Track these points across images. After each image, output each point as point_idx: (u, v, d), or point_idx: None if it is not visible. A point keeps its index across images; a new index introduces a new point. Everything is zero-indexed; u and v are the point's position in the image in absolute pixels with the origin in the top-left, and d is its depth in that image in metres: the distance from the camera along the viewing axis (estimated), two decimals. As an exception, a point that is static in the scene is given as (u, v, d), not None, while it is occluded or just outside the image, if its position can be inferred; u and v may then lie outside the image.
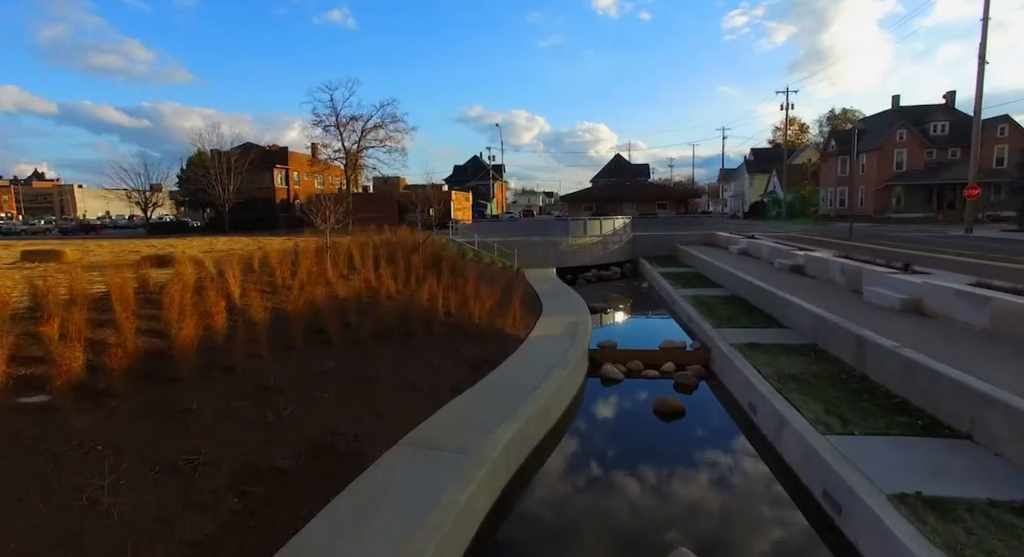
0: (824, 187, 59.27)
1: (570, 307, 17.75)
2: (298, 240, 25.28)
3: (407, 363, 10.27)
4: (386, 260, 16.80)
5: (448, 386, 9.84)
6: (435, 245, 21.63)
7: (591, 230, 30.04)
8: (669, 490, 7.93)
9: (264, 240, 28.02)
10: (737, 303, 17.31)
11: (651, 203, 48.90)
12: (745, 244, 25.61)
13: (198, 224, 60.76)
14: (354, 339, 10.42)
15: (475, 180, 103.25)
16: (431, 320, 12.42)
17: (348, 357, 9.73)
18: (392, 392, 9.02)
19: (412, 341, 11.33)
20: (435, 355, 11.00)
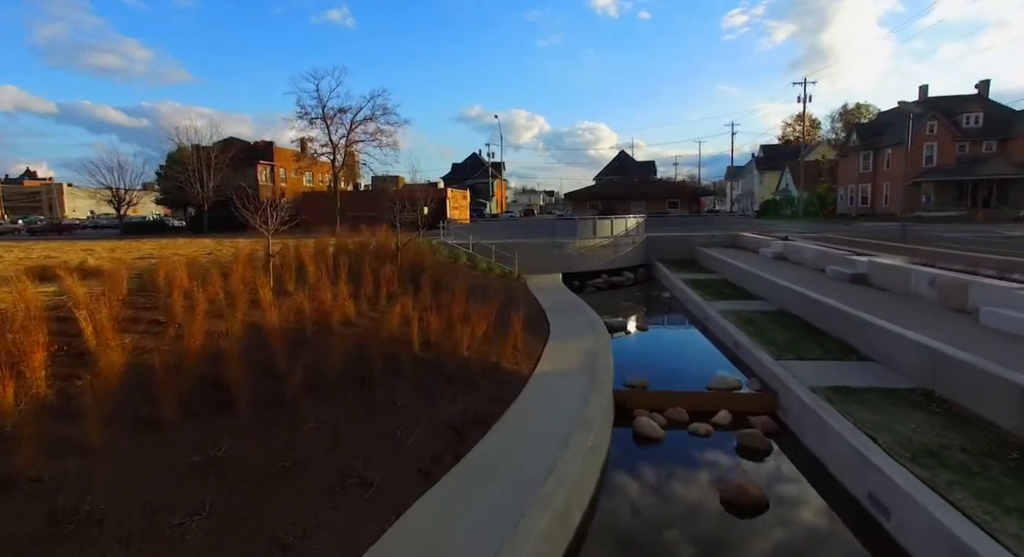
0: (843, 184, 55.86)
1: (583, 326, 14.39)
2: (276, 242, 22.04)
3: (356, 432, 6.91)
4: (349, 271, 13.39)
5: (415, 468, 6.49)
6: (419, 250, 18.24)
7: (601, 231, 26.67)
8: None
9: (231, 243, 24.56)
10: (791, 322, 13.94)
11: (661, 201, 45.51)
12: (781, 247, 22.24)
13: (179, 224, 57.28)
14: (276, 396, 7.04)
15: (474, 178, 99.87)
16: (400, 356, 9.04)
17: (258, 429, 6.36)
18: (322, 493, 5.67)
19: (370, 391, 7.97)
20: (401, 413, 7.64)
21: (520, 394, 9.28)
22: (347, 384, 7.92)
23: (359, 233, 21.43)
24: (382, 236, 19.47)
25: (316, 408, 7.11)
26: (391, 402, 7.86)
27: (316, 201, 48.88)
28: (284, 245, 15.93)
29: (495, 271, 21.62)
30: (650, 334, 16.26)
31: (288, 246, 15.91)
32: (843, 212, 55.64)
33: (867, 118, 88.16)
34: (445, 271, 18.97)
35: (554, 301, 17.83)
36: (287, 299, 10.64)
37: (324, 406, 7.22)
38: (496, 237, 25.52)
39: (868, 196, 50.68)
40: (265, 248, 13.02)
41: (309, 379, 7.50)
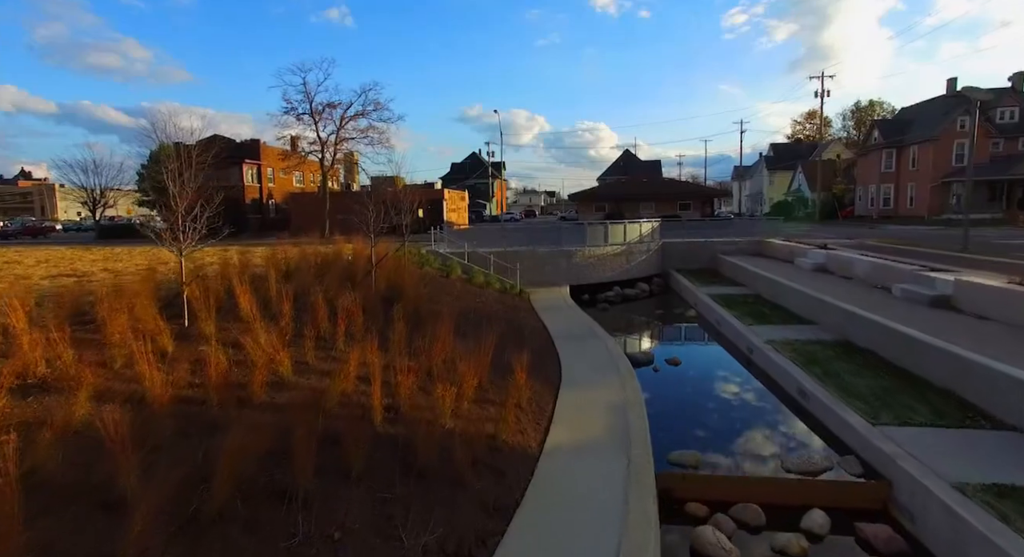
0: (862, 184, 52.92)
1: (603, 363, 11.49)
2: (255, 250, 19.24)
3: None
4: (293, 300, 10.37)
5: None
6: (401, 265, 15.30)
7: (613, 237, 23.76)
8: None
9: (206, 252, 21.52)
10: (866, 360, 11.02)
11: (672, 203, 42.56)
12: (822, 257, 19.29)
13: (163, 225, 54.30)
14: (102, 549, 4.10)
15: (473, 178, 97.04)
16: (352, 438, 6.10)
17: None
18: None
19: (291, 514, 5.03)
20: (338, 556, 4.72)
21: (527, 493, 6.36)
22: (255, 503, 5.00)
23: (334, 241, 18.48)
24: (360, 247, 16.52)
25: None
26: (324, 534, 4.94)
27: (305, 203, 46.00)
28: (224, 260, 13.01)
29: (493, 286, 18.71)
30: (684, 371, 13.27)
31: (230, 262, 12.97)
32: (862, 214, 52.71)
33: (881, 115, 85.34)
34: (435, 287, 16.09)
35: (564, 324, 14.92)
36: (186, 351, 7.72)
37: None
38: (496, 245, 22.61)
39: (891, 197, 47.73)
40: (179, 271, 10.03)
41: (184, 509, 4.58)
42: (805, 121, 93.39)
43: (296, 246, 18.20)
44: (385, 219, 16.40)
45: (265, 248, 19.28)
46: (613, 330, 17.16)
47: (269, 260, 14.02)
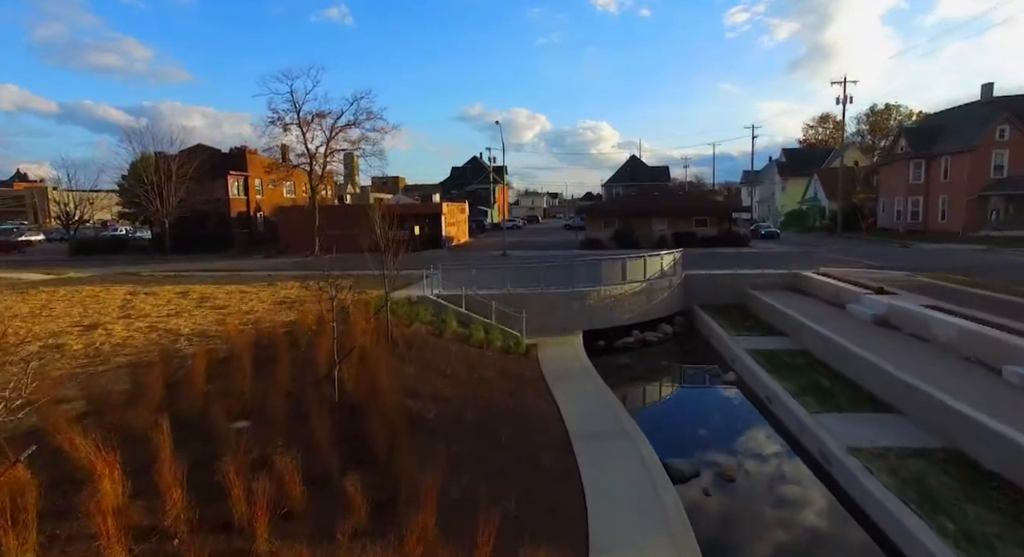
0: (887, 196, 49.82)
1: (642, 491, 8.55)
2: (215, 293, 16.36)
3: None
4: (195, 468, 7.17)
5: None
6: (379, 333, 12.35)
7: (632, 273, 20.79)
8: None
9: (157, 291, 18.58)
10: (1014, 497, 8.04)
11: (687, 218, 39.52)
12: (884, 308, 16.25)
13: (146, 234, 51.11)
14: None
15: (475, 183, 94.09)
16: None
17: None
18: None
19: None
20: None
21: None
22: None
23: (320, 259, 15.60)
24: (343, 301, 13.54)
25: None
26: None
27: (295, 218, 43.04)
28: (140, 347, 10.00)
29: (495, 343, 15.75)
30: (746, 494, 10.10)
31: (148, 345, 9.97)
32: (886, 226, 49.65)
33: (897, 119, 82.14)
34: (424, 357, 13.15)
35: (581, 407, 11.97)
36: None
37: None
38: (498, 281, 19.58)
39: (919, 210, 44.68)
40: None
41: None
42: (818, 125, 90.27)
43: (268, 287, 15.23)
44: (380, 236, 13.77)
45: (218, 288, 16.09)
46: (626, 383, 14.30)
47: (201, 343, 10.95)
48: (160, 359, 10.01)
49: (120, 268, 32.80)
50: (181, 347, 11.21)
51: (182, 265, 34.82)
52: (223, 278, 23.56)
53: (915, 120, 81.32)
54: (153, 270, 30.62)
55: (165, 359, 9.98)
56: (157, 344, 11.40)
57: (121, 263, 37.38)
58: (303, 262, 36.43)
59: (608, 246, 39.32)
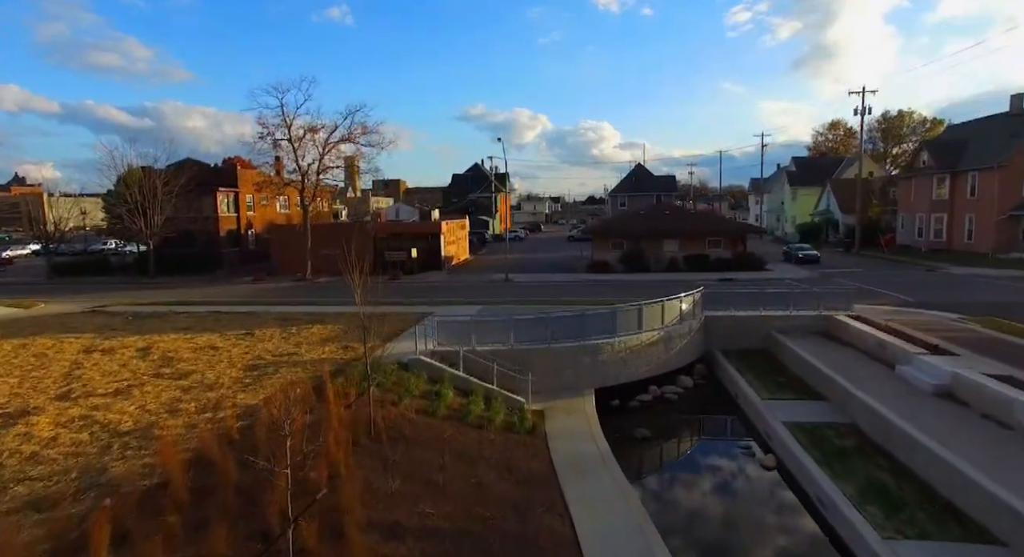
0: (908, 211, 47.59)
1: None
2: (178, 353, 14.22)
3: None
4: None
5: None
6: (358, 429, 10.15)
7: (649, 320, 18.67)
8: None
9: (121, 342, 16.37)
10: None
11: (700, 240, 37.38)
12: (946, 378, 14.08)
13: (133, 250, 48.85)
14: None
15: (476, 192, 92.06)
16: None
17: None
18: None
19: None
20: None
21: None
22: None
23: (312, 281, 13.49)
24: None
25: None
26: None
27: (287, 236, 40.93)
28: None
29: (496, 419, 13.65)
30: None
31: None
32: (906, 243, 47.43)
33: (910, 125, 79.95)
34: (414, 450, 11.06)
35: (602, 525, 9.87)
36: None
37: None
38: (500, 331, 17.39)
39: (943, 228, 42.49)
40: None
41: None
42: (828, 132, 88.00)
43: (244, 338, 13.06)
44: (375, 256, 11.86)
45: (187, 341, 13.71)
46: (667, 512, 12.16)
47: (137, 452, 8.84)
48: (73, 492, 7.93)
49: (96, 297, 30.76)
50: (111, 460, 9.13)
51: (164, 292, 32.78)
52: (199, 320, 21.50)
53: (929, 124, 79.15)
54: (131, 301, 28.58)
55: (75, 494, 7.89)
56: (82, 455, 9.31)
57: (101, 287, 35.36)
58: (294, 287, 34.42)
59: (616, 268, 37.23)
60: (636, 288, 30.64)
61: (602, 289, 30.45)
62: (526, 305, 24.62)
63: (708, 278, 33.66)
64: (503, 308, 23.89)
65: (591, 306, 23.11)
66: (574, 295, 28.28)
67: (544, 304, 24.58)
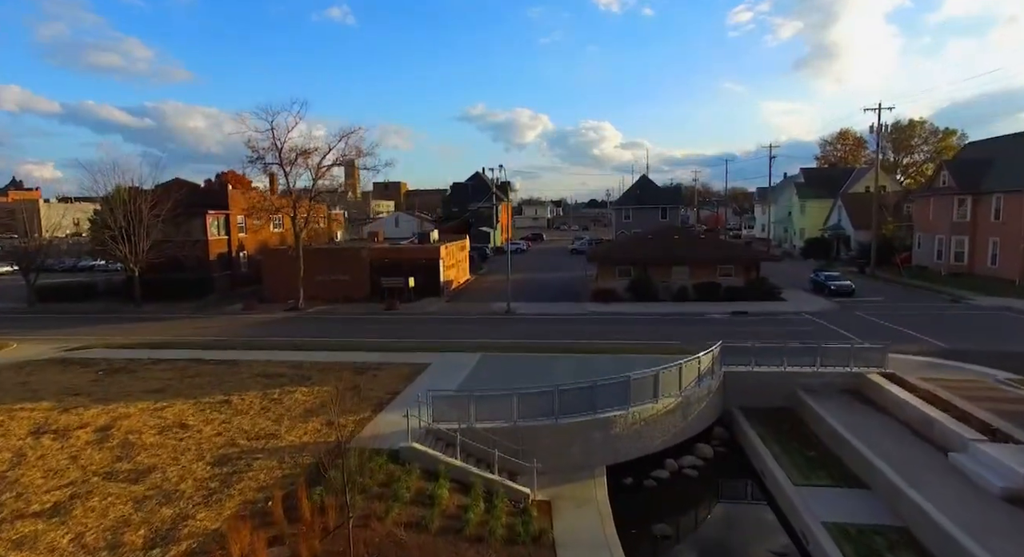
0: (926, 231, 45.74)
1: None
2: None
3: None
4: None
5: None
6: None
7: (666, 387, 16.94)
8: None
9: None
10: None
11: (711, 267, 35.63)
12: (1018, 482, 12.28)
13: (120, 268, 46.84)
14: None
15: (476, 202, 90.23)
16: None
17: None
18: None
19: None
20: None
21: None
22: None
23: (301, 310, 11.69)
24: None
25: None
26: None
27: (280, 261, 39.15)
28: None
29: (498, 527, 11.90)
30: None
31: None
32: (923, 265, 45.61)
33: (922, 136, 78.03)
34: None
35: None
36: None
37: None
38: (502, 403, 15.65)
39: (964, 251, 40.67)
40: None
41: None
42: (836, 141, 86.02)
43: (219, 410, 11.29)
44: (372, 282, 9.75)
45: (155, 413, 11.84)
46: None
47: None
48: None
49: (76, 332, 29.16)
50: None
51: (148, 326, 31.16)
52: (176, 373, 19.81)
53: (941, 134, 77.24)
54: (111, 340, 26.93)
55: None
56: None
57: (84, 319, 33.71)
58: (284, 320, 32.68)
59: (623, 297, 35.50)
60: (645, 325, 28.93)
61: (609, 327, 28.73)
62: (529, 352, 22.92)
63: (720, 311, 31.97)
64: (505, 357, 22.21)
65: (597, 355, 21.45)
66: (579, 336, 26.58)
67: (548, 351, 22.88)
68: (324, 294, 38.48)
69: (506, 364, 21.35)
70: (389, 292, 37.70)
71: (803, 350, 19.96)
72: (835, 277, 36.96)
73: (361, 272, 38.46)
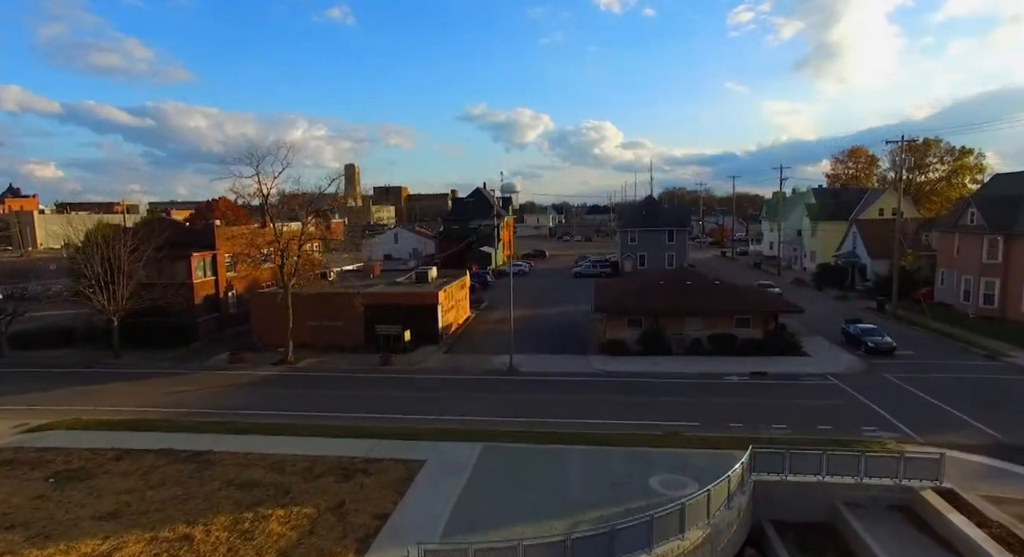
0: (951, 268, 43.43)
1: None
2: None
3: None
4: None
5: None
6: None
7: (693, 518, 14.69)
8: None
9: None
10: None
11: (726, 318, 33.44)
12: None
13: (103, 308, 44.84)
14: None
15: (478, 218, 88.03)
16: None
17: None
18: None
19: None
20: None
21: None
22: None
23: None
24: None
25: None
26: None
27: (268, 304, 37.00)
28: None
29: None
30: None
31: None
32: (947, 302, 43.33)
33: (938, 155, 75.64)
34: None
35: None
36: None
37: None
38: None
39: (995, 294, 38.38)
40: None
41: None
42: (848, 159, 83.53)
43: None
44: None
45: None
46: None
47: None
48: None
49: (42, 396, 27.08)
50: None
51: (124, 387, 29.00)
52: (134, 496, 17.37)
53: (958, 153, 74.73)
54: (79, 410, 24.78)
55: None
56: None
57: (55, 375, 31.58)
58: (270, 381, 30.38)
59: (633, 349, 33.31)
60: (659, 395, 26.61)
61: (620, 397, 26.44)
62: (536, 443, 20.59)
63: (738, 371, 29.67)
64: (509, 450, 19.94)
65: (610, 448, 18.88)
66: (589, 412, 24.37)
67: (557, 441, 20.60)
68: (316, 340, 36.33)
69: (510, 463, 19.12)
70: (384, 339, 35.55)
71: (843, 459, 17.68)
72: (872, 332, 33.48)
73: (354, 319, 36.20)
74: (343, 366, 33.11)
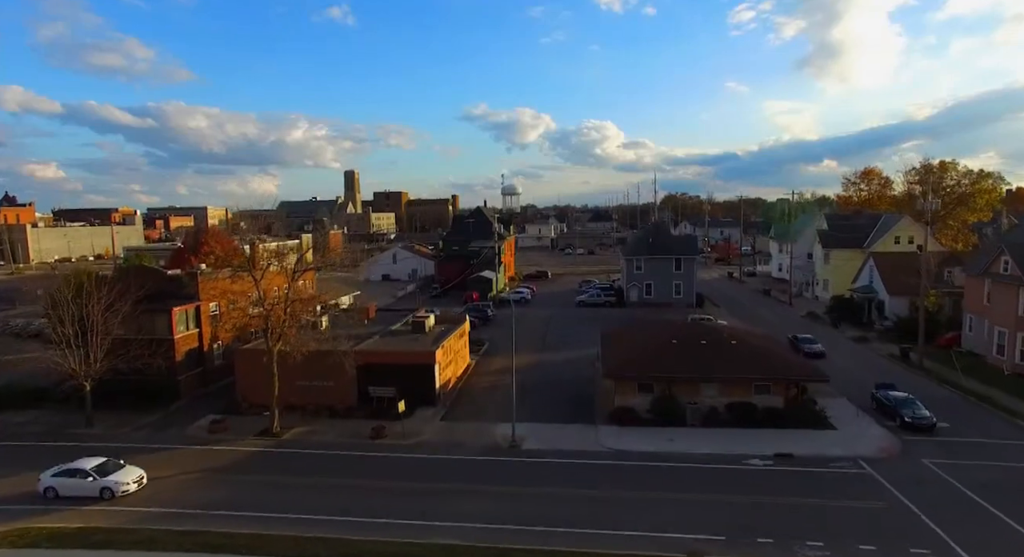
0: (981, 315, 40.93)
1: None
2: None
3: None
4: None
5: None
6: None
7: None
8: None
9: None
10: None
11: (745, 385, 31.08)
12: None
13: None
14: None
15: (478, 239, 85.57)
16: None
17: None
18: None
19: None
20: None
21: None
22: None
23: None
24: None
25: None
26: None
27: (254, 361, 34.58)
28: None
29: None
30: None
31: None
32: (974, 350, 40.86)
33: (955, 179, 73.02)
34: None
35: None
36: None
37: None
38: None
39: (1033, 350, 35.86)
40: None
41: None
42: (860, 181, 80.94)
43: None
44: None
45: None
46: None
47: None
48: None
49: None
50: None
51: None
52: None
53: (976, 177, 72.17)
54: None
55: None
56: None
57: (12, 452, 29.03)
58: (251, 462, 27.72)
59: (644, 418, 30.87)
60: (673, 489, 23.80)
61: (630, 484, 23.88)
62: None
63: (759, 452, 27.05)
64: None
65: None
66: (597, 510, 21.85)
67: None
68: (306, 401, 34.00)
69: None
70: (378, 401, 33.27)
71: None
72: (908, 403, 30.26)
73: (346, 379, 33.74)
74: (331, 438, 30.65)
